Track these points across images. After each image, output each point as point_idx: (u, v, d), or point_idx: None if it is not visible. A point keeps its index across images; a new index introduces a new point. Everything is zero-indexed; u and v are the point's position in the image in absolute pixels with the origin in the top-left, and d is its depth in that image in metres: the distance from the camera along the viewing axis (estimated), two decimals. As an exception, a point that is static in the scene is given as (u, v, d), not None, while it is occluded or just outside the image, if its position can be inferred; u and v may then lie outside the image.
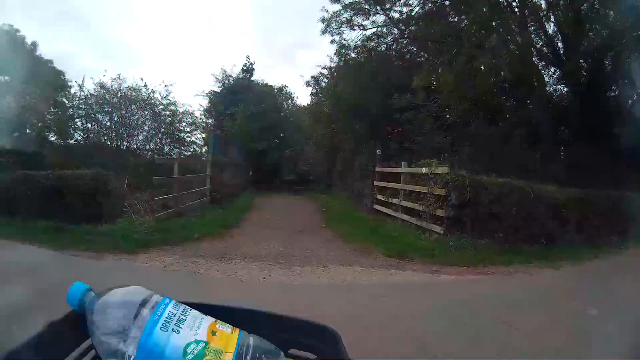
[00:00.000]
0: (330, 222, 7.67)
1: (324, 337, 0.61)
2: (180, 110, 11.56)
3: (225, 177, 10.74)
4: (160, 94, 10.95)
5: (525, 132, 8.39)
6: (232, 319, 0.61)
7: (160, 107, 10.90)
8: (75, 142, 11.14)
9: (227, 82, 16.85)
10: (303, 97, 23.36)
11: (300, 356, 0.62)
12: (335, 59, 11.74)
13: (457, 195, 5.84)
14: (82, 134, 11.17)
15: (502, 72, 8.24)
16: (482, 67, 7.93)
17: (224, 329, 0.58)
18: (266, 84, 17.49)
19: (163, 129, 10.97)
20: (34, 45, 12.89)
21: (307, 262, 4.52)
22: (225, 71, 16.67)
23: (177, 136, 11.32)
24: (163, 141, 10.87)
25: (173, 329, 0.54)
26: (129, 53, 24.28)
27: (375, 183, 8.68)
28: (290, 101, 20.18)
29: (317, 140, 14.05)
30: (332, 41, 11.13)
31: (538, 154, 8.61)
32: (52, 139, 10.95)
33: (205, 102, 16.64)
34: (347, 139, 11.19)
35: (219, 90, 16.82)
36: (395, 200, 7.59)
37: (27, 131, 10.78)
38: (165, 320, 0.55)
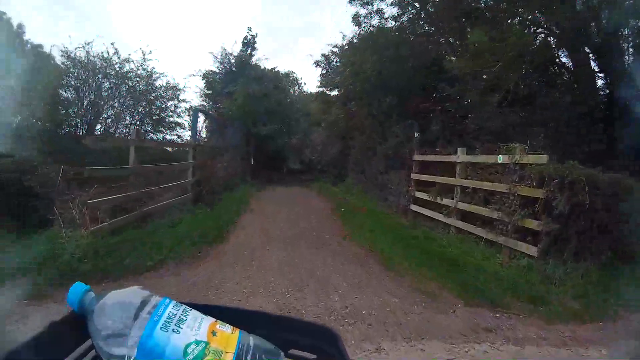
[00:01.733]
0: (354, 230, 5.54)
1: (325, 338, 0.58)
2: (158, 83, 9.27)
3: (217, 167, 8.64)
4: (134, 63, 8.77)
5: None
6: (233, 319, 0.58)
7: (136, 79, 8.70)
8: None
9: (226, 61, 14.53)
10: (311, 83, 20.99)
11: (300, 356, 0.59)
12: (350, 34, 9.86)
13: (568, 198, 3.73)
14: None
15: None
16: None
17: (224, 329, 0.55)
18: (272, 69, 15.10)
19: (141, 108, 8.81)
20: (21, 27, 10.61)
21: (338, 328, 2.41)
22: (225, 49, 14.17)
23: (156, 116, 9.13)
24: (137, 122, 8.70)
25: (173, 329, 0.52)
26: (129, 45, 22.02)
27: (413, 176, 6.50)
28: (297, 87, 18.16)
29: (330, 122, 11.81)
30: (351, 1, 9.08)
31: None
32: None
33: (202, 84, 14.17)
34: (368, 119, 8.95)
35: (217, 70, 14.50)
36: (447, 201, 5.43)
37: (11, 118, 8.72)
38: (165, 321, 0.53)
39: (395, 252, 4.29)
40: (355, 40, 9.73)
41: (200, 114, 8.69)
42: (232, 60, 14.47)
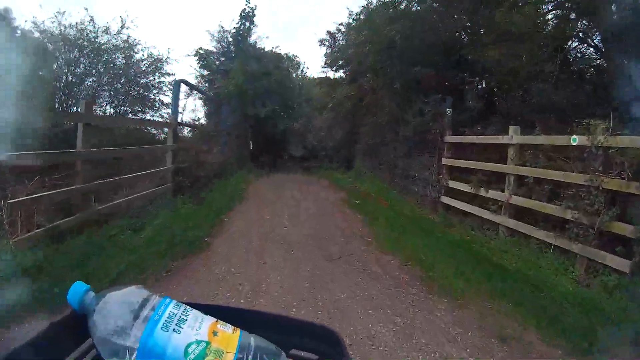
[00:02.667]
0: (376, 230, 4.42)
1: (326, 338, 0.56)
2: (139, 55, 7.99)
3: (212, 151, 7.53)
4: (110, 32, 7.46)
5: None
6: (234, 319, 0.55)
7: (113, 51, 7.43)
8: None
9: (224, 39, 13.25)
10: (313, 69, 19.80)
11: (301, 357, 0.57)
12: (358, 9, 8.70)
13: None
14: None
15: None
16: None
17: (225, 329, 0.53)
18: (272, 50, 13.81)
19: (120, 85, 7.59)
20: (8, 12, 9.30)
21: None
22: (223, 27, 12.85)
23: (137, 95, 7.90)
24: (116, 101, 7.50)
25: (174, 329, 0.50)
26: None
27: (445, 161, 5.33)
28: (299, 71, 17.00)
29: (337, 102, 10.56)
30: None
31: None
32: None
33: (196, 63, 12.89)
34: (384, 91, 7.68)
35: (214, 50, 13.25)
36: (495, 194, 4.29)
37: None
38: (166, 320, 0.50)
39: (439, 265, 3.18)
40: (362, 16, 8.53)
41: (183, 86, 7.45)
42: (230, 39, 13.25)
